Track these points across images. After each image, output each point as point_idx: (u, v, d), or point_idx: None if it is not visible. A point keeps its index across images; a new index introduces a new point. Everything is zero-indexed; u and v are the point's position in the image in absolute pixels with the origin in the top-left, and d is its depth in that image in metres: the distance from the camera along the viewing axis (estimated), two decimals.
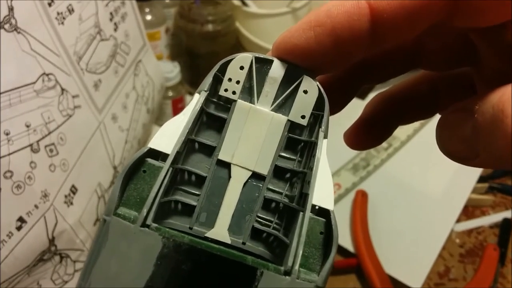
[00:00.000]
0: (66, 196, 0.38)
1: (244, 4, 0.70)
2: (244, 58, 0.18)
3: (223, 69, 0.18)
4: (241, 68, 0.18)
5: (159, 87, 0.61)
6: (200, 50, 0.69)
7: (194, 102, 0.18)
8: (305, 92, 0.18)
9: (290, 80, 0.18)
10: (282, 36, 0.17)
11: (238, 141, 0.19)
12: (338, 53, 0.16)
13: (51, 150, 0.36)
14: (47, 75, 0.36)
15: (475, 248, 0.55)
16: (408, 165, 0.61)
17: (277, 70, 0.18)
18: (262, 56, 0.18)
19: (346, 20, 0.15)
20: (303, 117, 0.19)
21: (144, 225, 0.16)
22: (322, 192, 0.17)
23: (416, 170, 0.61)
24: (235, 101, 0.19)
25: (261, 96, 0.19)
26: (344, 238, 0.54)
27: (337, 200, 0.58)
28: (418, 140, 0.64)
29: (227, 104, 0.19)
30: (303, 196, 0.18)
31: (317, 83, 0.18)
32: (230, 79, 0.18)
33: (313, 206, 0.17)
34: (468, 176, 0.59)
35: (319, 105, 0.18)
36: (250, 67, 0.18)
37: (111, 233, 0.16)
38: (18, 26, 0.32)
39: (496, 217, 0.57)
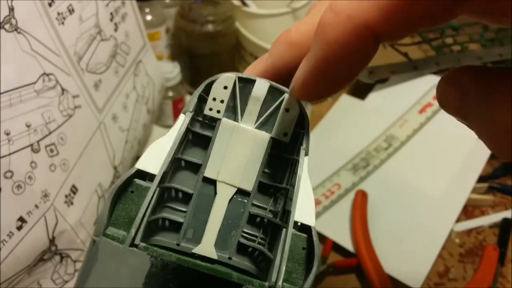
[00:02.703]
0: (66, 196, 0.38)
1: (244, 4, 0.70)
2: (227, 78, 0.19)
3: (207, 89, 0.19)
4: (225, 87, 0.19)
5: (159, 87, 0.61)
6: (200, 50, 0.69)
7: (180, 122, 0.19)
8: (287, 110, 0.19)
9: (273, 98, 0.19)
10: (299, 84, 0.17)
11: (223, 159, 0.19)
12: (353, 75, 0.16)
13: (51, 150, 0.36)
14: (48, 75, 0.36)
15: (475, 248, 0.55)
16: (408, 165, 0.61)
17: (259, 89, 0.19)
18: (245, 76, 0.19)
19: (358, 57, 0.15)
20: (285, 134, 0.19)
21: (132, 245, 0.17)
22: (304, 208, 0.18)
23: (416, 170, 0.61)
24: (220, 119, 0.19)
25: (245, 115, 0.19)
26: (344, 238, 0.54)
27: (337, 200, 0.58)
28: (418, 140, 0.64)
29: (212, 123, 0.20)
30: (286, 213, 0.18)
31: (299, 101, 0.19)
32: (214, 99, 0.19)
33: (296, 222, 0.17)
34: (468, 176, 0.59)
35: (300, 122, 0.19)
36: (233, 86, 0.19)
37: (100, 253, 0.16)
38: (18, 26, 0.33)
39: (495, 217, 0.57)
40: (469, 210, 0.59)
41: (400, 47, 0.82)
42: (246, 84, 0.19)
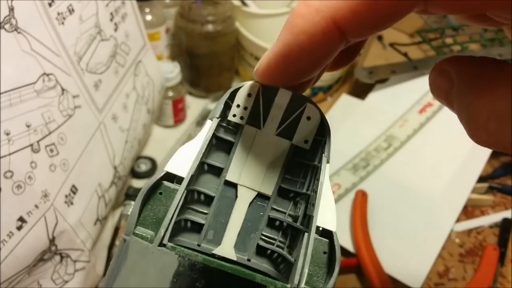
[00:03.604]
0: (66, 196, 0.38)
1: (244, 4, 0.70)
2: (252, 87, 0.20)
3: (232, 96, 0.20)
4: (249, 95, 0.20)
5: (159, 87, 0.61)
6: (200, 50, 0.69)
7: (207, 128, 0.19)
8: (308, 118, 0.20)
9: (295, 106, 0.19)
10: (262, 67, 0.17)
11: (244, 163, 0.20)
12: (315, 68, 0.17)
13: (51, 150, 0.36)
14: (48, 75, 0.36)
15: (475, 248, 0.55)
16: (408, 165, 0.61)
17: (282, 97, 0.19)
18: (268, 85, 0.19)
19: (321, 49, 0.15)
20: (306, 141, 0.20)
21: (161, 244, 0.17)
22: (325, 214, 0.18)
23: (415, 170, 0.61)
24: (243, 125, 0.20)
25: (267, 121, 0.20)
26: (344, 238, 0.54)
27: (337, 200, 0.58)
28: (418, 140, 0.64)
29: (235, 128, 0.20)
30: (307, 217, 0.19)
31: (320, 110, 0.19)
32: (238, 105, 0.20)
33: (317, 227, 0.18)
34: (467, 176, 0.59)
35: (321, 130, 0.20)
36: (257, 94, 0.20)
37: (130, 251, 0.17)
38: (18, 26, 0.33)
39: (495, 217, 0.58)
40: (469, 210, 0.59)
41: (400, 47, 0.82)
42: (270, 92, 0.19)
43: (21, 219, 0.32)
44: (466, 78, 0.15)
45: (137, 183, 0.60)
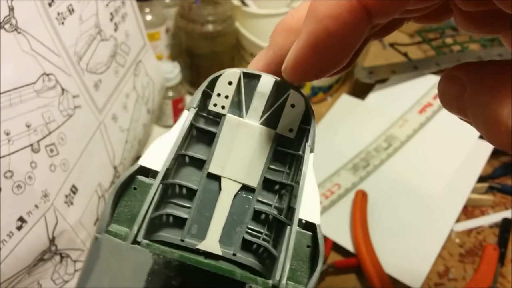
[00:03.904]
0: (66, 196, 0.38)
1: (244, 4, 0.70)
2: (232, 74, 0.19)
3: (212, 85, 0.19)
4: (230, 83, 0.19)
5: (159, 87, 0.61)
6: (200, 50, 0.69)
7: (183, 119, 0.18)
8: (293, 106, 0.19)
9: (278, 94, 0.19)
10: (290, 64, 0.16)
11: (228, 154, 0.19)
12: (345, 55, 0.16)
13: (51, 150, 0.36)
14: (48, 75, 0.36)
15: (475, 248, 0.55)
16: (408, 165, 0.61)
17: (265, 84, 0.19)
18: (250, 72, 0.19)
19: (348, 32, 0.15)
20: (290, 130, 0.19)
21: (135, 242, 0.17)
22: (309, 206, 0.17)
23: (416, 170, 0.61)
24: (224, 115, 0.19)
25: (250, 110, 0.19)
26: (344, 238, 0.54)
27: (337, 200, 0.58)
28: (418, 140, 0.64)
29: (217, 118, 0.19)
30: (291, 210, 0.18)
31: (304, 97, 0.19)
32: (219, 94, 0.19)
33: (300, 220, 0.17)
34: (468, 176, 0.59)
35: (306, 118, 0.19)
36: (238, 82, 0.19)
37: (102, 250, 0.16)
38: (18, 26, 0.33)
39: (495, 217, 0.57)
40: (469, 210, 0.59)
41: (400, 47, 0.82)
42: (251, 79, 0.19)
43: (21, 219, 0.32)
44: (479, 80, 0.14)
45: None
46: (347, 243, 0.53)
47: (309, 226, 0.17)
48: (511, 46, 0.18)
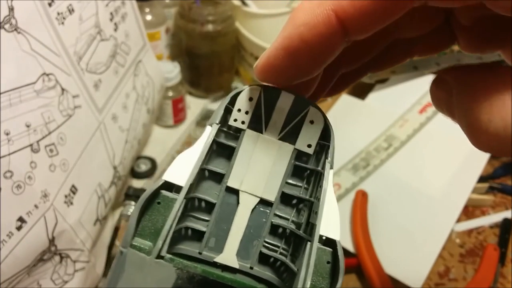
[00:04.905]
0: (66, 196, 0.38)
1: (244, 4, 0.70)
2: (253, 90, 0.19)
3: (233, 101, 0.19)
4: (250, 99, 0.19)
5: (159, 87, 0.61)
6: (200, 50, 0.69)
7: (207, 134, 0.19)
8: (311, 122, 0.19)
9: (297, 110, 0.19)
10: (261, 62, 0.17)
11: (246, 169, 0.19)
12: (316, 65, 0.16)
13: (51, 150, 0.36)
14: (47, 75, 0.36)
15: (475, 248, 0.55)
16: (408, 165, 0.61)
17: (284, 100, 0.19)
18: (270, 87, 0.19)
19: (321, 42, 0.15)
20: (309, 146, 0.19)
21: (159, 256, 0.17)
22: (329, 222, 0.18)
23: (416, 170, 0.61)
24: (244, 130, 0.19)
25: (269, 126, 0.19)
26: (344, 238, 0.54)
27: (337, 200, 0.58)
28: (418, 140, 0.64)
29: (237, 133, 0.20)
30: (310, 225, 0.18)
31: (323, 114, 0.19)
32: (239, 110, 0.19)
33: (321, 236, 0.17)
34: (468, 176, 0.59)
35: (325, 134, 0.19)
36: (258, 98, 0.19)
37: (127, 264, 0.17)
38: (18, 26, 0.32)
39: (496, 217, 0.57)
40: (469, 210, 0.59)
41: None
42: (271, 95, 0.19)
43: (21, 219, 0.32)
44: (464, 84, 0.15)
45: (137, 183, 0.60)
46: (347, 243, 0.53)
47: (329, 242, 0.18)
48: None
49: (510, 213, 0.57)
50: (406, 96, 0.69)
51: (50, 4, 0.36)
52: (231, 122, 0.19)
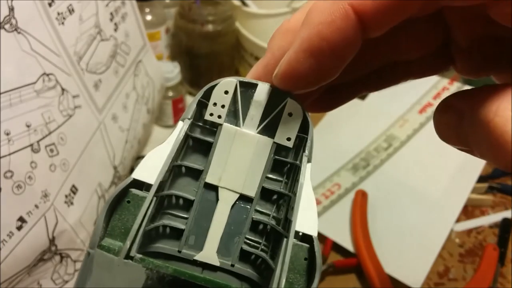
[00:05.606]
0: (66, 196, 0.38)
1: (244, 4, 0.70)
2: (228, 83, 0.19)
3: (207, 94, 0.19)
4: (226, 92, 0.19)
5: (159, 87, 0.61)
6: (200, 50, 0.69)
7: (178, 130, 0.18)
8: (290, 114, 0.18)
9: (275, 102, 0.18)
10: (282, 69, 0.16)
11: (225, 164, 0.19)
12: (339, 62, 0.16)
13: (51, 150, 0.36)
14: (48, 75, 0.36)
15: (475, 248, 0.55)
16: (408, 165, 0.61)
17: (261, 93, 0.18)
18: (246, 80, 0.19)
19: (341, 38, 0.15)
20: (288, 139, 0.19)
21: (127, 257, 0.16)
22: (306, 217, 0.17)
23: (416, 170, 0.61)
24: (221, 125, 0.19)
25: (247, 119, 0.19)
26: (344, 238, 0.54)
27: (337, 200, 0.58)
28: (418, 140, 0.64)
29: (213, 128, 0.19)
30: (288, 221, 0.18)
31: (302, 106, 0.18)
32: (215, 104, 0.19)
33: (297, 232, 0.17)
34: (467, 176, 0.59)
35: (304, 127, 0.19)
36: (234, 91, 0.19)
37: (95, 266, 0.16)
38: (18, 26, 0.32)
39: (495, 217, 0.57)
40: (469, 210, 0.59)
41: None
42: (248, 88, 0.19)
43: (21, 219, 0.32)
44: (479, 101, 0.14)
45: None
46: (347, 243, 0.53)
47: (306, 238, 0.17)
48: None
49: (509, 213, 0.57)
50: (406, 96, 0.69)
51: (50, 4, 0.36)
52: (207, 116, 0.19)
